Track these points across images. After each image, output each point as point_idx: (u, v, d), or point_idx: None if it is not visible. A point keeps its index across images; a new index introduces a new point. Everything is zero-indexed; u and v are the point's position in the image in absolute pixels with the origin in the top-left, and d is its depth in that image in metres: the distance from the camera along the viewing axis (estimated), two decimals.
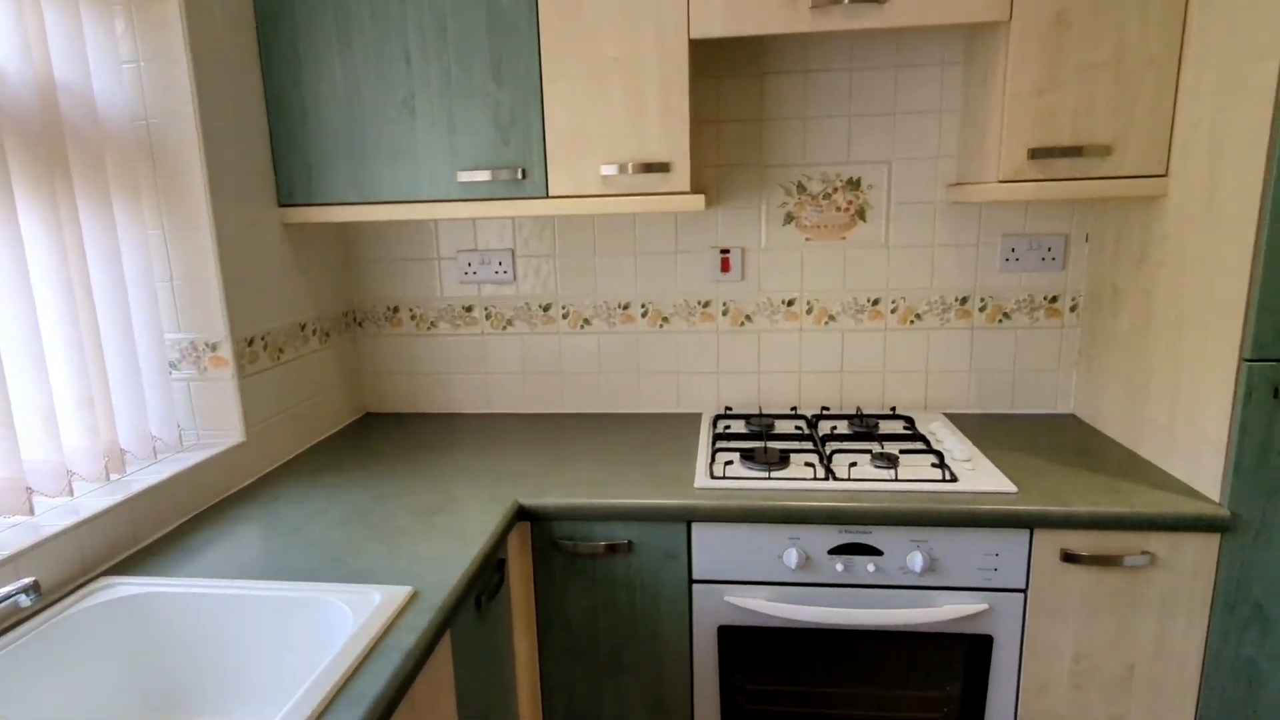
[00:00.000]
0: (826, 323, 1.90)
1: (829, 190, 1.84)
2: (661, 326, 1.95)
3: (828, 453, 1.57)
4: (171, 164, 1.44)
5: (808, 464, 1.49)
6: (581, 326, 1.97)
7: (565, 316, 1.97)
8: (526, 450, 1.71)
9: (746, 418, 1.84)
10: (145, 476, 1.33)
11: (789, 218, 1.87)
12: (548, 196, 1.59)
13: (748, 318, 1.92)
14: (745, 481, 1.44)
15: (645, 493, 1.43)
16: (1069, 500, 1.34)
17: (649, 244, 1.91)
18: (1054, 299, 1.83)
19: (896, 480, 1.42)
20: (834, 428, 1.77)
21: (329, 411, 1.88)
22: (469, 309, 2.00)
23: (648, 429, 1.84)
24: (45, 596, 1.09)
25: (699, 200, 1.55)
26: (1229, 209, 1.28)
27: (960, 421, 1.82)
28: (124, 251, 1.42)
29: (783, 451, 1.55)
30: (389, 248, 1.98)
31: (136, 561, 1.21)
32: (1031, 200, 1.66)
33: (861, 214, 1.84)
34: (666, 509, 1.39)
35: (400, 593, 1.05)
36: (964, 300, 1.85)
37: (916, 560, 1.36)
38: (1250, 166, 1.22)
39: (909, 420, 1.78)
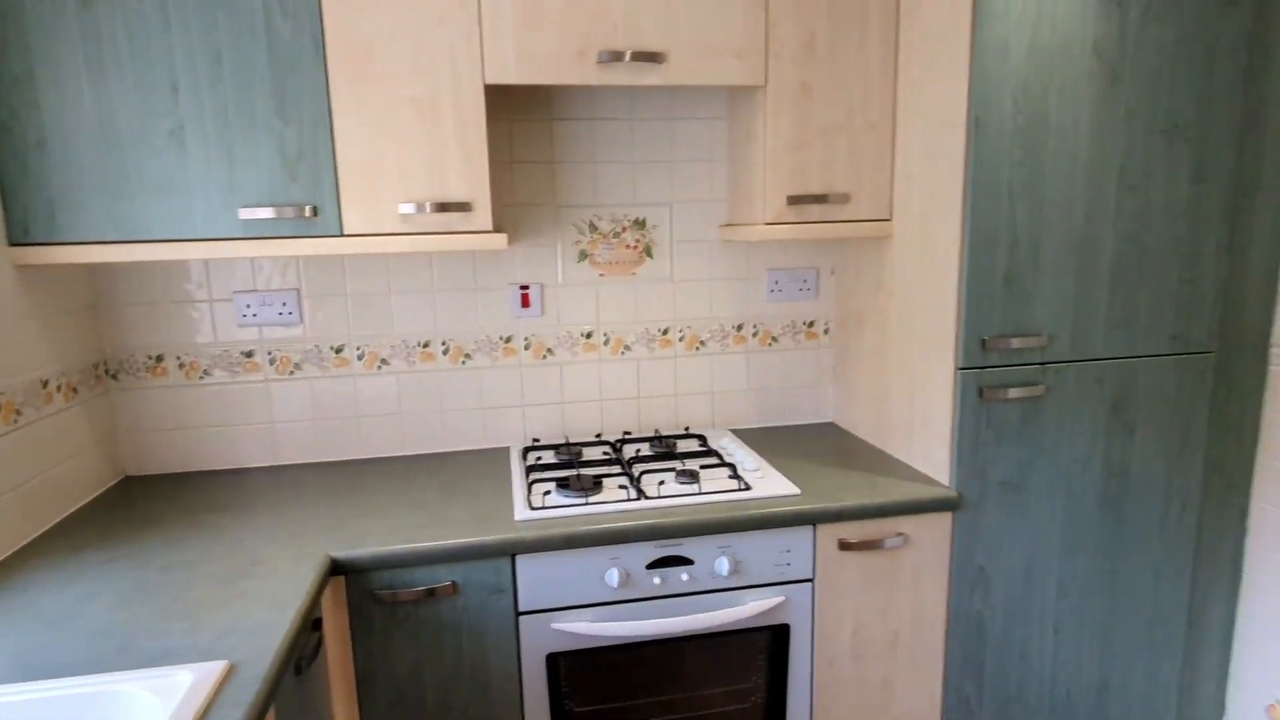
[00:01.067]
0: (622, 352, 2.03)
1: (618, 229, 1.97)
2: (464, 363, 1.95)
3: (636, 474, 1.68)
4: None
5: (620, 486, 1.59)
6: (379, 367, 1.91)
7: (361, 358, 1.90)
8: (330, 501, 1.62)
9: (555, 447, 1.90)
10: None
11: (583, 255, 1.97)
12: (342, 235, 1.54)
13: (549, 351, 1.99)
14: (565, 509, 1.50)
15: (466, 531, 1.43)
16: (841, 497, 1.56)
17: (448, 281, 1.91)
18: (811, 324, 2.11)
19: (700, 494, 1.56)
20: (638, 450, 1.89)
21: (79, 479, 1.64)
22: (249, 354, 1.85)
23: (456, 467, 1.83)
24: None
25: (501, 239, 1.59)
26: (938, 248, 1.59)
27: (744, 435, 2.03)
28: None
29: (595, 477, 1.63)
30: (149, 290, 1.78)
31: None
32: (792, 239, 1.91)
33: (649, 251, 2.00)
34: (490, 545, 1.40)
35: (214, 669, 0.97)
36: (739, 327, 2.08)
37: (723, 564, 1.50)
38: (950, 214, 1.53)
39: (702, 438, 1.95)
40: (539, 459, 1.84)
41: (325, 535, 1.43)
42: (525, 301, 1.95)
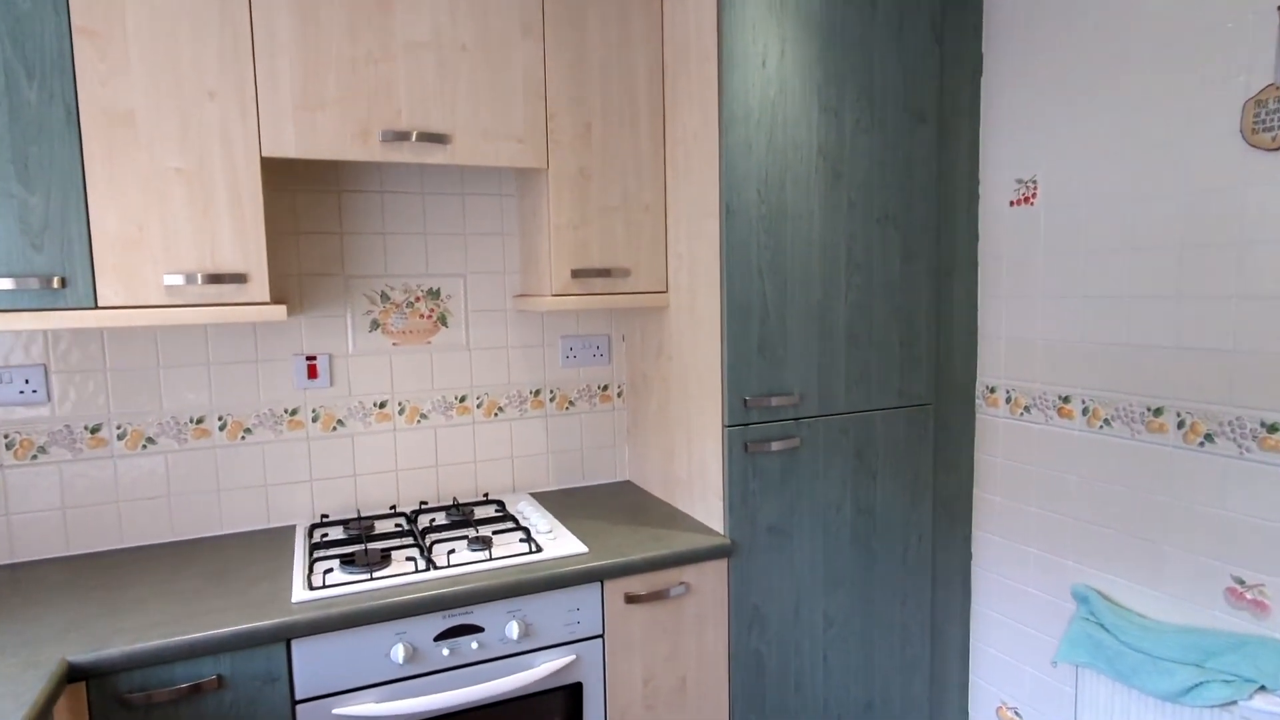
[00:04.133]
0: (418, 420, 2.02)
1: (412, 299, 2.00)
2: (243, 438, 1.86)
3: (428, 544, 1.67)
4: None
5: (409, 558, 1.58)
6: (143, 446, 1.78)
7: (122, 437, 1.76)
8: (75, 600, 1.47)
9: (345, 523, 1.85)
10: None
11: (375, 324, 1.97)
12: (96, 307, 1.45)
13: (340, 422, 1.95)
14: (347, 587, 1.46)
15: (234, 619, 1.35)
16: (627, 552, 1.65)
17: (226, 353, 1.83)
18: (605, 387, 2.23)
19: (491, 560, 1.59)
20: (433, 520, 1.88)
21: None
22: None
23: (233, 551, 1.72)
24: None
25: (280, 310, 1.57)
26: (704, 318, 1.76)
27: (544, 498, 2.09)
28: None
29: (384, 550, 1.61)
30: None
31: None
32: (580, 309, 2.03)
33: (444, 320, 2.03)
34: (260, 631, 1.34)
35: None
36: (537, 392, 2.15)
37: (513, 628, 1.53)
38: (712, 289, 1.72)
39: (500, 504, 1.98)
40: (325, 536, 1.78)
41: (65, 638, 1.29)
42: (313, 372, 1.91)
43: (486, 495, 2.08)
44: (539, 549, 1.64)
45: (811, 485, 1.81)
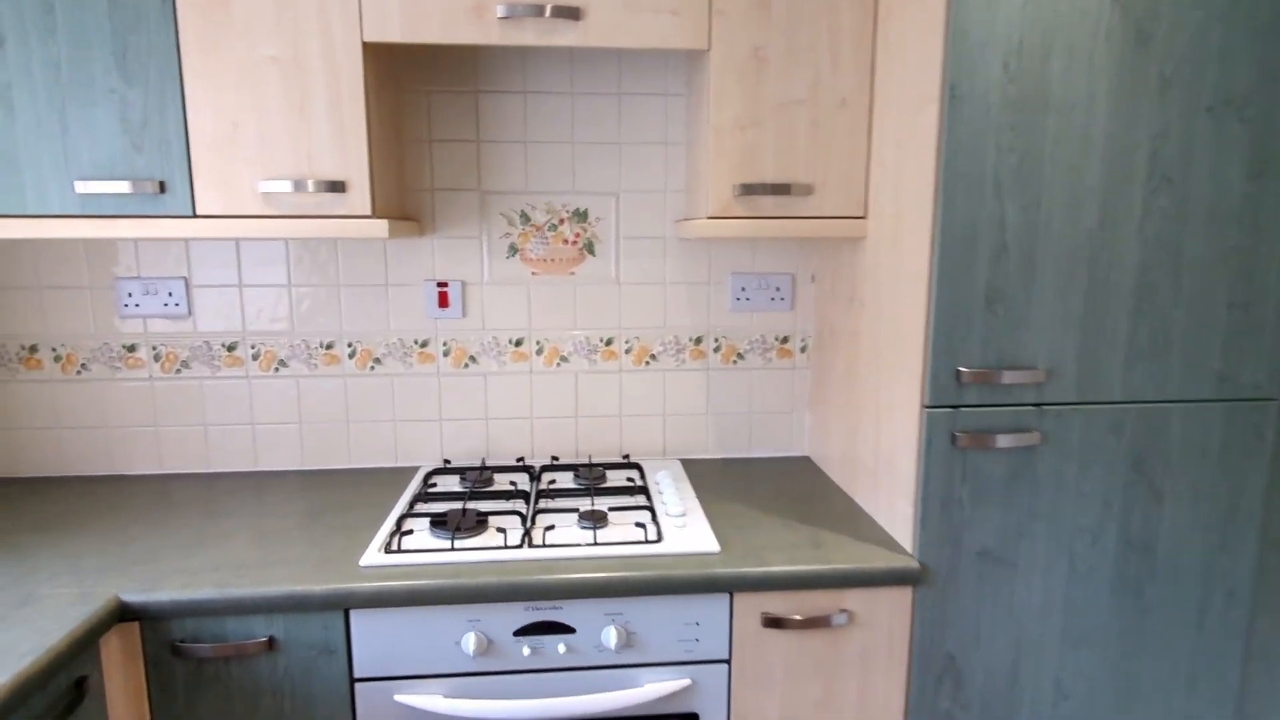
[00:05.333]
0: (558, 364, 1.75)
1: (555, 221, 1.70)
2: (372, 369, 1.71)
3: (531, 512, 1.40)
4: None
5: (499, 529, 1.31)
6: (276, 369, 1.69)
7: (256, 357, 1.69)
8: (174, 525, 1.40)
9: (463, 471, 1.64)
10: None
11: (513, 249, 1.71)
12: (194, 215, 1.32)
13: (472, 359, 1.73)
14: (422, 555, 1.23)
15: (296, 576, 1.18)
16: (770, 558, 1.25)
17: (355, 275, 1.68)
18: (785, 339, 1.79)
19: (595, 544, 1.27)
20: (553, 481, 1.61)
21: None
22: (132, 349, 1.66)
23: (346, 490, 1.59)
24: None
25: (381, 226, 1.34)
26: (909, 251, 1.26)
27: (697, 468, 1.73)
28: None
29: (482, 514, 1.36)
30: (24, 273, 1.61)
31: None
32: (743, 236, 1.60)
33: (590, 247, 1.72)
34: (313, 597, 1.15)
35: None
36: (698, 340, 1.77)
37: (610, 635, 1.21)
38: (921, 213, 1.21)
39: (638, 469, 1.65)
40: (434, 486, 1.58)
41: (130, 570, 1.20)
42: (443, 301, 1.70)
43: (627, 457, 1.77)
44: (658, 538, 1.29)
45: (1054, 500, 1.25)
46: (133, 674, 1.16)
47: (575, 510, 1.40)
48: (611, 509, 1.40)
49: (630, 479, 1.61)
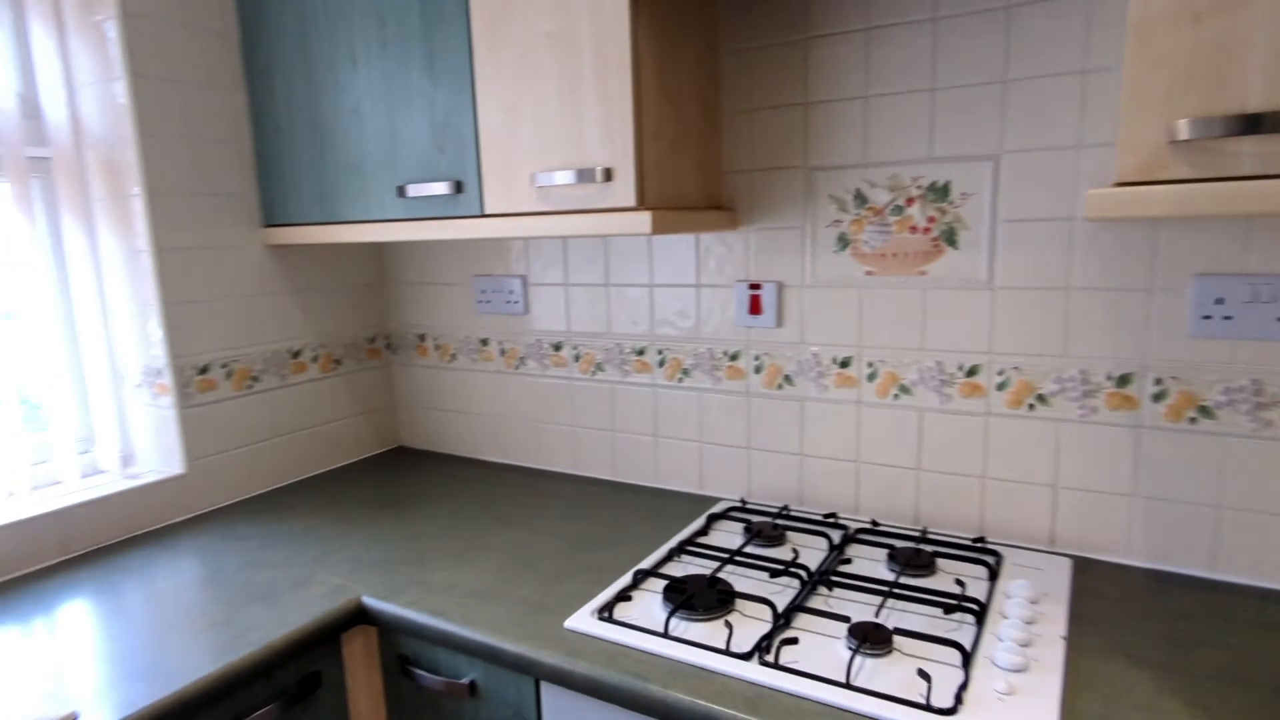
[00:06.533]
0: (895, 394, 1.30)
1: (900, 201, 1.25)
2: (680, 380, 1.51)
3: (791, 604, 1.02)
4: (117, 183, 1.41)
5: (740, 618, 0.98)
6: (593, 373, 1.61)
7: (577, 359, 1.63)
8: (460, 524, 1.41)
9: (753, 518, 1.33)
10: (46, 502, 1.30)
11: (843, 241, 1.31)
12: (483, 215, 1.28)
13: (787, 378, 1.40)
14: (628, 633, 0.98)
15: (502, 621, 1.05)
16: None
17: (667, 273, 1.49)
18: None
19: (846, 687, 0.85)
20: (849, 558, 1.18)
21: (331, 446, 1.77)
22: (485, 342, 1.75)
23: (635, 513, 1.42)
24: None
25: (642, 220, 1.12)
26: None
27: (1099, 580, 1.11)
28: (87, 273, 1.44)
29: (730, 592, 1.05)
30: (418, 269, 1.82)
31: None
32: (1183, 213, 0.93)
33: (950, 237, 1.22)
34: (504, 654, 1.00)
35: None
36: (1124, 380, 1.13)
37: None
38: None
39: (991, 564, 1.12)
40: (706, 534, 1.30)
41: (388, 570, 1.22)
42: (755, 306, 1.40)
43: (981, 541, 1.22)
44: (950, 708, 0.81)
45: None
46: (373, 678, 1.17)
47: (848, 619, 0.98)
48: (902, 631, 0.94)
49: (964, 580, 1.09)
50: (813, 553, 1.21)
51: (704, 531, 1.31)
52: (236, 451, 1.56)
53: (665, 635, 0.97)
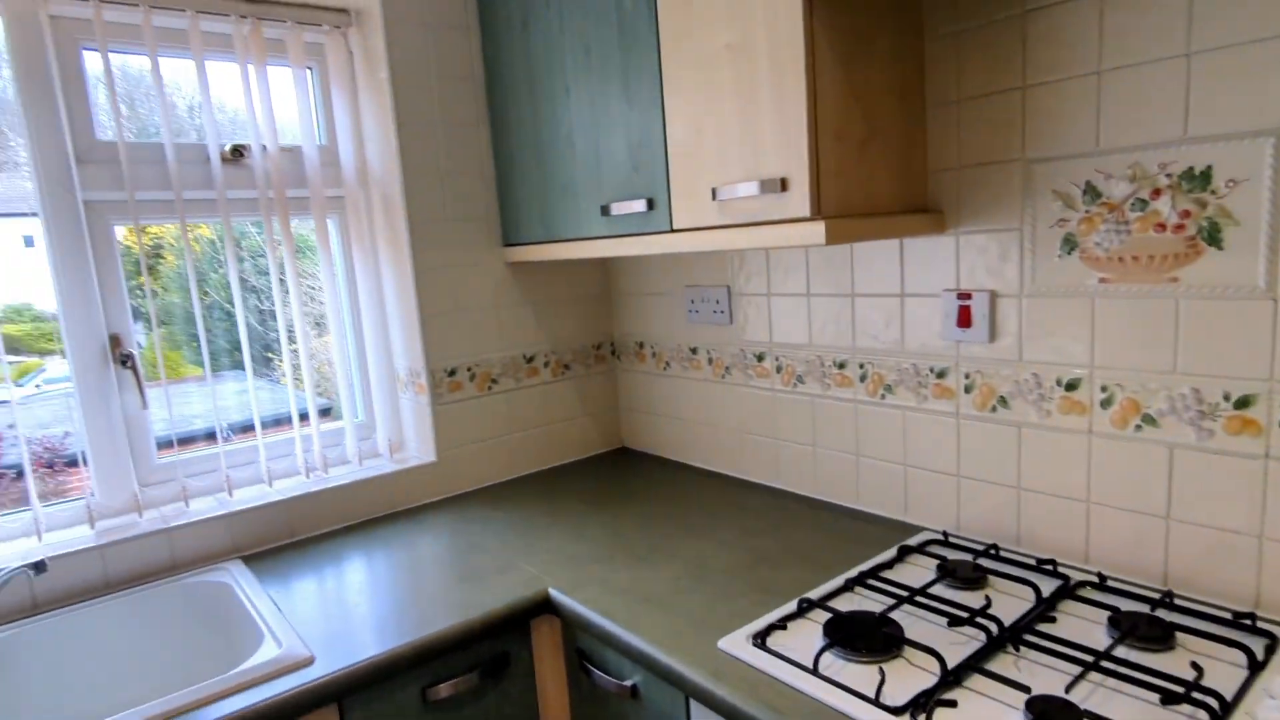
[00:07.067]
0: (1137, 426, 1.08)
1: (1144, 194, 1.04)
2: (883, 397, 1.41)
3: (966, 660, 0.91)
4: (390, 214, 1.69)
5: (898, 663, 0.90)
6: (794, 385, 1.57)
7: (779, 370, 1.60)
8: (657, 525, 1.46)
9: (950, 555, 1.20)
10: (314, 483, 1.61)
11: (1069, 244, 1.12)
12: (671, 230, 1.32)
13: (1002, 400, 1.24)
14: (776, 664, 0.95)
15: (663, 630, 1.07)
16: None
17: (868, 282, 1.40)
18: None
19: None
20: (1059, 614, 1.01)
21: (559, 444, 1.93)
22: (694, 351, 1.79)
23: (825, 535, 1.36)
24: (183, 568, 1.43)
25: (816, 231, 1.07)
26: None
27: None
28: (372, 291, 1.75)
29: (900, 638, 0.96)
30: (637, 280, 1.92)
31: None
32: None
33: (1211, 235, 0.98)
34: (658, 664, 1.02)
35: (279, 657, 1.05)
36: None
37: None
38: None
39: (1252, 649, 0.89)
40: (893, 567, 1.20)
41: (578, 565, 1.30)
42: (964, 318, 1.25)
43: (1251, 619, 0.96)
44: None
45: None
46: (558, 666, 1.27)
47: (1028, 689, 0.84)
48: (1096, 717, 0.79)
49: (1206, 664, 0.88)
50: (1012, 603, 1.06)
51: (891, 564, 1.21)
52: (478, 445, 1.78)
53: (814, 672, 0.92)
